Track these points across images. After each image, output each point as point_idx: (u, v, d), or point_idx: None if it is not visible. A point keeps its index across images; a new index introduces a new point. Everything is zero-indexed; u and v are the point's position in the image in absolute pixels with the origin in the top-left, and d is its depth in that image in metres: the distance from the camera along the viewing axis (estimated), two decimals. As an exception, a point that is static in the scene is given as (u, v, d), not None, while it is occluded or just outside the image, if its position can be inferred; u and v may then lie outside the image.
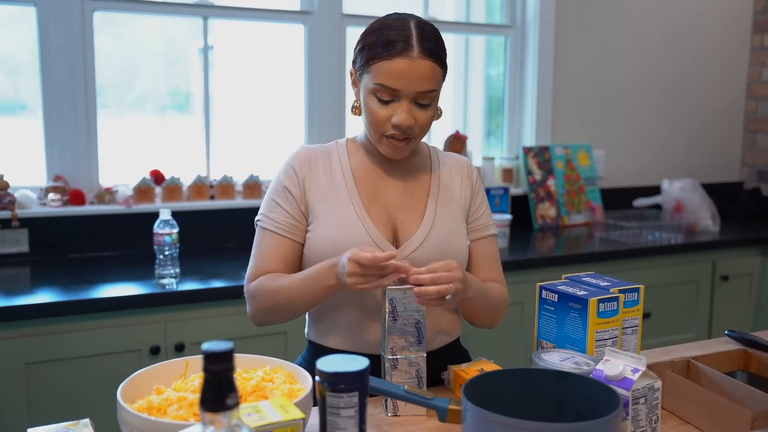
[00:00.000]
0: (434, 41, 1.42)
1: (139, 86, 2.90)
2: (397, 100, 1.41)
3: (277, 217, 1.49)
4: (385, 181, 1.53)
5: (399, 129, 1.41)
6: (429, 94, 1.41)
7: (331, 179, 1.51)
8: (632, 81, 3.72)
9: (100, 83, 2.76)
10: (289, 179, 1.51)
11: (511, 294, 2.68)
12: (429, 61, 1.39)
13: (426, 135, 1.52)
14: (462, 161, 1.63)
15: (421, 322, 1.25)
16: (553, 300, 1.36)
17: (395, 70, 1.38)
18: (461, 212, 1.55)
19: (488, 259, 1.59)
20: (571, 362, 1.23)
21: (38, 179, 2.67)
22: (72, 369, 2.09)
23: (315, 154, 1.54)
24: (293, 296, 1.41)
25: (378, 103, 1.42)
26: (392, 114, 1.41)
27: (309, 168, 1.51)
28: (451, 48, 3.52)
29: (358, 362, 1.00)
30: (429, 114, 1.44)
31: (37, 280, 2.36)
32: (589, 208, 3.54)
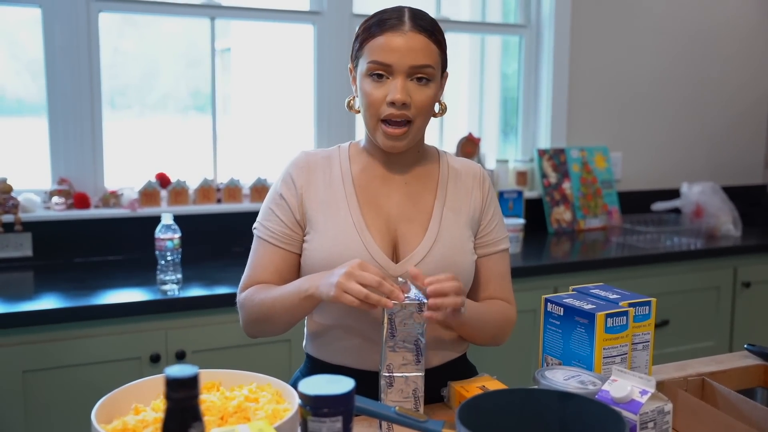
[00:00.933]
0: (428, 21, 1.38)
1: (160, 87, 2.87)
2: (391, 78, 1.35)
3: (273, 226, 1.44)
4: (388, 188, 1.45)
5: (394, 107, 1.34)
6: (424, 70, 1.35)
7: (330, 188, 1.44)
8: (651, 81, 3.62)
9: (122, 85, 2.74)
10: (286, 187, 1.45)
11: (523, 302, 2.63)
12: (422, 36, 1.35)
13: (424, 130, 1.44)
14: (475, 168, 1.54)
15: (420, 340, 1.19)
16: (558, 314, 1.29)
17: (387, 45, 1.34)
18: (469, 225, 1.47)
19: (498, 276, 1.51)
20: (577, 381, 1.16)
21: (43, 182, 2.64)
22: (70, 377, 2.05)
23: (314, 161, 1.48)
24: (275, 308, 1.36)
25: (372, 84, 1.36)
26: (387, 94, 1.34)
27: (307, 176, 1.45)
28: (466, 48, 3.48)
29: (343, 384, 0.93)
30: (427, 94, 1.36)
31: (39, 286, 2.33)
32: (606, 212, 3.45)
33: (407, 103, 1.34)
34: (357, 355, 1.40)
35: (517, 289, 2.61)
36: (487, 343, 1.49)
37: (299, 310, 1.35)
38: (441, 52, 1.39)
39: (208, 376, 1.17)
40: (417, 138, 1.42)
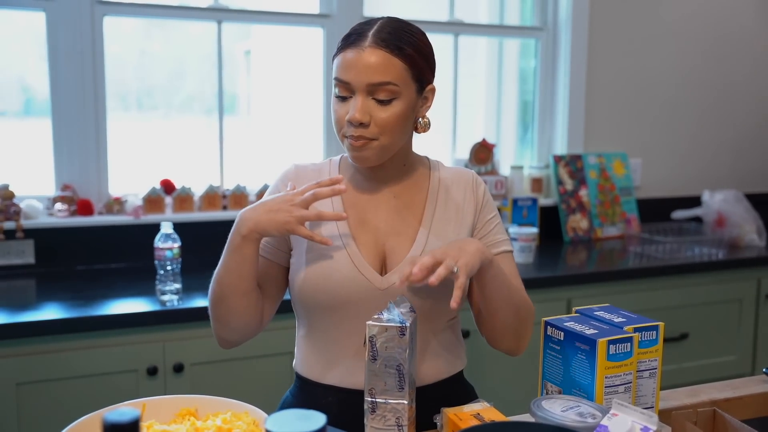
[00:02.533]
0: (395, 34, 1.30)
1: (186, 88, 2.86)
2: (353, 96, 1.30)
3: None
4: (376, 203, 1.41)
5: (352, 125, 1.29)
6: (384, 87, 1.28)
7: (319, 202, 1.39)
8: (671, 85, 3.51)
9: (148, 86, 2.71)
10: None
11: (536, 314, 2.56)
12: (382, 51, 1.28)
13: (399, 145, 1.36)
14: (467, 176, 1.48)
15: (402, 365, 1.11)
16: (558, 338, 1.21)
17: (345, 61, 1.29)
18: (460, 234, 1.41)
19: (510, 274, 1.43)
20: (575, 413, 1.08)
21: (47, 189, 2.61)
22: (65, 390, 2.01)
23: (304, 174, 1.45)
24: (220, 275, 1.33)
25: (337, 102, 1.33)
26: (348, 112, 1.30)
27: (297, 186, 1.40)
28: (483, 52, 3.40)
29: (314, 420, 0.86)
30: (391, 113, 1.30)
31: (40, 294, 2.29)
32: (624, 220, 3.35)
33: (365, 122, 1.29)
34: (348, 373, 1.35)
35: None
36: (508, 318, 1.39)
37: (243, 263, 1.31)
38: (411, 68, 1.31)
39: (183, 402, 1.11)
40: (388, 154, 1.36)
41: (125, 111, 2.65)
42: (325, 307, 1.35)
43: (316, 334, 1.38)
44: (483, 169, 3.17)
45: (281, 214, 1.27)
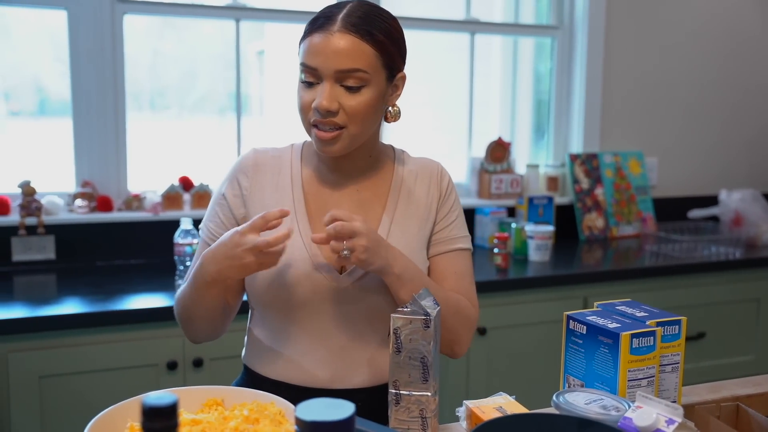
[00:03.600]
0: (366, 18, 1.25)
1: (199, 88, 2.89)
2: (320, 83, 1.25)
3: (213, 227, 1.37)
4: (338, 195, 1.37)
5: (319, 114, 1.25)
6: (353, 74, 1.23)
7: (277, 192, 1.35)
8: (688, 83, 3.50)
9: (162, 86, 2.74)
10: (230, 188, 1.38)
11: (551, 312, 2.57)
12: (351, 36, 1.23)
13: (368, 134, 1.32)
14: (432, 166, 1.43)
15: (427, 357, 1.12)
16: (581, 332, 1.21)
17: (312, 47, 1.24)
18: (423, 229, 1.38)
19: (455, 275, 1.38)
20: (598, 406, 1.08)
21: (67, 185, 2.64)
22: (87, 383, 2.03)
23: (264, 161, 1.39)
24: (188, 305, 1.31)
25: (303, 88, 1.28)
26: (315, 98, 1.26)
27: (254, 177, 1.37)
28: (498, 50, 3.40)
29: (343, 408, 0.87)
30: (359, 100, 1.25)
31: (60, 289, 2.31)
32: (640, 219, 3.34)
33: (333, 110, 1.24)
34: (300, 371, 1.33)
35: (545, 299, 2.57)
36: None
37: (210, 299, 1.29)
38: (381, 54, 1.26)
39: (210, 392, 1.13)
40: (354, 144, 1.31)
41: (139, 110, 2.68)
42: (281, 305, 1.32)
43: (271, 330, 1.36)
44: (499, 167, 3.17)
45: (237, 261, 1.21)
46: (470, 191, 3.21)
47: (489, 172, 3.16)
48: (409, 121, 3.13)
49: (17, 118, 2.71)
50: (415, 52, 3.30)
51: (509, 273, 2.61)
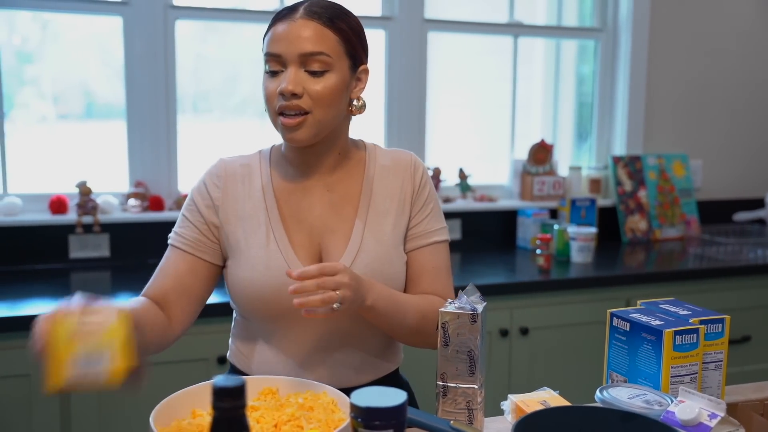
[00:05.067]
0: (327, 8, 1.30)
1: (240, 91, 2.96)
2: (284, 70, 1.28)
3: (184, 231, 1.36)
4: (310, 198, 1.37)
5: (284, 98, 1.26)
6: (317, 57, 1.26)
7: (250, 200, 1.36)
8: (733, 85, 3.48)
9: (204, 89, 2.82)
10: (200, 197, 1.37)
11: (593, 313, 2.58)
12: (314, 22, 1.27)
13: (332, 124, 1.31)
14: (405, 159, 1.42)
15: (473, 351, 1.16)
16: (624, 329, 1.24)
17: (276, 34, 1.28)
18: (397, 225, 1.38)
19: (432, 271, 1.39)
20: (641, 400, 1.11)
21: (121, 185, 2.73)
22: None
23: (232, 170, 1.39)
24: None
25: (267, 78, 1.30)
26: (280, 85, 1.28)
27: (225, 187, 1.37)
28: (540, 52, 3.42)
29: (395, 396, 0.92)
30: (324, 84, 1.27)
31: (115, 286, 2.40)
32: (684, 222, 3.33)
33: (297, 93, 1.26)
34: (287, 373, 1.33)
35: (587, 300, 2.58)
36: (408, 339, 1.36)
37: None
38: (343, 41, 1.29)
39: (265, 382, 1.18)
40: (321, 132, 1.31)
41: (182, 113, 2.78)
42: (262, 313, 1.33)
43: (253, 333, 1.38)
44: (541, 169, 3.19)
45: None
46: (512, 193, 3.24)
47: (531, 174, 3.17)
48: (447, 123, 3.18)
49: (65, 121, 2.82)
50: (454, 55, 3.33)
51: (551, 274, 2.63)
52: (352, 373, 1.37)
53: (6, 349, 1.99)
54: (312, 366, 1.34)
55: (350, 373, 1.36)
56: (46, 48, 2.74)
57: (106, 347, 0.96)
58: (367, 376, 1.38)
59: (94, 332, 0.97)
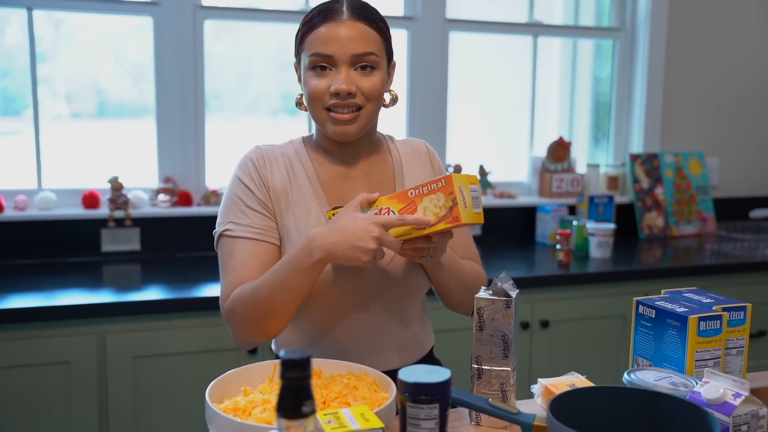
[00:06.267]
0: (368, 9, 1.37)
1: (252, 90, 3.02)
2: (334, 69, 1.33)
3: (248, 220, 1.36)
4: (350, 182, 1.44)
5: (339, 97, 1.32)
6: (367, 57, 1.33)
7: (297, 187, 1.40)
8: (750, 83, 3.52)
9: (216, 88, 2.88)
10: (252, 181, 1.38)
11: (612, 307, 2.64)
12: (362, 24, 1.33)
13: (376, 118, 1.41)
14: (420, 146, 1.54)
15: (507, 335, 1.23)
16: (650, 316, 1.30)
17: (326, 36, 1.32)
18: None
19: (463, 245, 1.51)
20: (668, 382, 1.17)
21: (150, 181, 2.81)
22: (174, 364, 2.18)
23: (272, 156, 1.41)
24: (275, 293, 1.26)
25: (315, 77, 1.34)
26: (330, 84, 1.33)
27: (270, 171, 1.39)
28: (557, 51, 3.48)
29: (441, 373, 0.99)
30: (374, 81, 1.34)
31: (146, 278, 2.47)
32: (700, 219, 3.37)
33: (353, 92, 1.32)
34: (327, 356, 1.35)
35: (606, 294, 2.64)
36: (460, 296, 1.46)
37: (305, 284, 1.25)
38: (384, 40, 1.37)
39: (309, 363, 1.24)
40: (368, 125, 1.39)
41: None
42: (317, 297, 1.35)
43: (305, 323, 1.40)
44: (560, 167, 3.24)
45: (357, 248, 1.20)
46: (531, 190, 3.29)
47: (550, 171, 3.23)
48: (467, 121, 3.24)
49: (78, 120, 2.88)
50: (474, 55, 3.37)
51: (571, 268, 2.68)
52: (394, 355, 1.43)
53: (43, 338, 2.07)
54: (356, 351, 1.40)
55: (392, 355, 1.43)
56: (59, 47, 2.80)
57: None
58: (407, 357, 1.45)
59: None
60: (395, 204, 1.26)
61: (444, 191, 1.22)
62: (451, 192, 1.21)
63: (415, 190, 1.25)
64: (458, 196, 1.21)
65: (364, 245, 1.20)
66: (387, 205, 1.26)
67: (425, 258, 1.29)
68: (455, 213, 1.20)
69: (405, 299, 1.44)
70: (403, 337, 1.45)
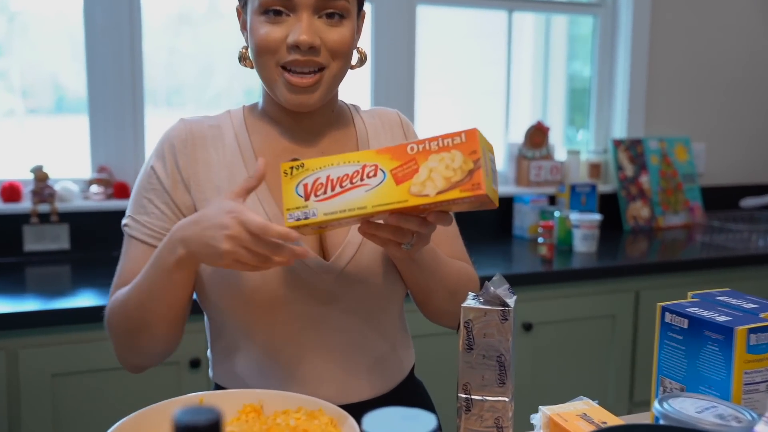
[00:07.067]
0: None
1: (215, 85, 2.77)
2: (292, 14, 1.03)
3: (147, 219, 1.10)
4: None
5: (299, 51, 1.03)
6: (336, 2, 1.04)
7: (227, 168, 1.10)
8: (739, 65, 3.30)
9: (178, 83, 2.66)
10: (164, 169, 1.10)
11: (600, 306, 2.38)
12: None
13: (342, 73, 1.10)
14: (391, 116, 1.23)
15: (504, 356, 0.95)
16: (681, 326, 1.03)
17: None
18: None
19: (447, 238, 1.22)
20: (713, 415, 0.90)
21: (82, 171, 2.48)
22: (102, 383, 1.87)
23: (199, 132, 1.12)
24: (142, 301, 1.01)
25: (267, 23, 1.03)
26: (287, 34, 1.03)
27: (192, 152, 1.10)
28: (530, 27, 3.21)
29: (421, 422, 0.70)
30: (343, 33, 1.05)
31: (76, 281, 2.16)
32: (688, 209, 3.14)
33: (315, 46, 1.03)
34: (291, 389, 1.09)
35: (593, 292, 2.37)
36: (442, 303, 1.17)
37: (174, 290, 1.01)
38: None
39: (245, 396, 0.95)
40: (332, 91, 1.10)
41: (155, 107, 2.60)
42: (255, 307, 1.07)
43: (234, 337, 1.11)
44: (538, 153, 2.98)
45: (210, 248, 0.93)
46: (508, 179, 3.03)
47: (528, 158, 2.97)
48: (436, 104, 2.97)
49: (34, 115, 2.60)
50: (443, 37, 3.10)
51: (554, 264, 2.42)
52: (363, 382, 1.14)
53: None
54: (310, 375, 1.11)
55: (360, 383, 1.13)
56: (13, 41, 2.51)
57: None
58: (380, 385, 1.16)
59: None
60: (386, 160, 0.93)
61: (463, 149, 0.90)
62: (474, 151, 0.90)
63: (419, 144, 0.92)
64: (482, 158, 0.90)
65: (215, 244, 0.92)
66: (374, 162, 0.93)
67: (403, 246, 0.98)
68: (476, 179, 0.88)
69: (376, 309, 1.14)
70: (374, 359, 1.15)
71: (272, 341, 1.10)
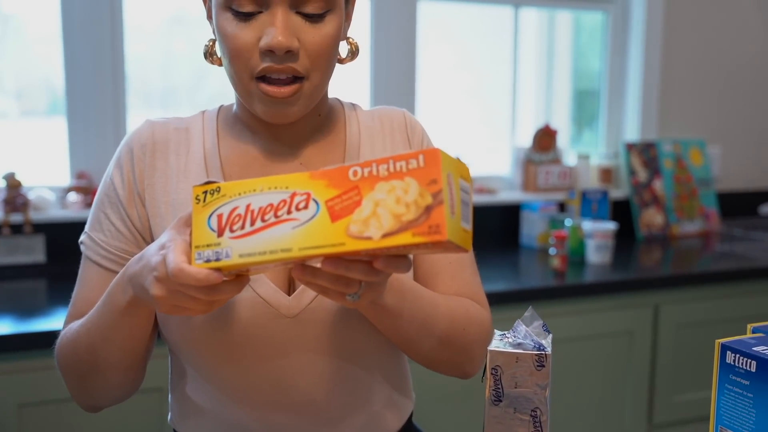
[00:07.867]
0: None
1: (209, 87, 2.74)
2: (265, 11, 0.86)
3: (103, 239, 0.98)
4: (275, 174, 0.96)
5: (273, 58, 0.86)
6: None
7: (187, 179, 0.95)
8: (757, 64, 3.14)
9: (173, 85, 2.57)
10: (120, 178, 0.97)
11: (620, 321, 2.21)
12: None
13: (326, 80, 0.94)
14: (396, 118, 1.04)
15: (539, 409, 0.78)
16: (747, 369, 0.86)
17: None
18: None
19: (448, 266, 1.00)
20: (798, 484, 0.73)
21: (60, 178, 2.31)
22: (74, 414, 1.69)
23: (163, 137, 0.98)
24: (93, 341, 0.89)
25: (236, 22, 0.87)
26: (260, 35, 0.87)
27: (152, 160, 0.96)
28: (533, 25, 3.06)
29: None
30: (325, 33, 0.88)
31: (52, 298, 2.00)
32: (703, 215, 2.98)
33: (293, 49, 0.86)
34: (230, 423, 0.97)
35: (609, 307, 2.20)
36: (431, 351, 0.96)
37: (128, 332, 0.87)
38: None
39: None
40: (316, 101, 0.94)
41: (149, 109, 2.54)
42: (211, 351, 0.93)
43: (202, 384, 0.98)
44: (545, 157, 2.82)
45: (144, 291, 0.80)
46: (514, 184, 2.86)
47: (535, 162, 2.80)
48: (438, 106, 2.81)
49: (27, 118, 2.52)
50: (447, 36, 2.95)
51: (567, 277, 2.26)
52: None
53: None
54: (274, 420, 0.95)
55: None
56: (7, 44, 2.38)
57: None
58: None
59: None
60: (321, 188, 0.72)
61: (420, 177, 0.69)
62: (434, 180, 0.68)
63: (365, 167, 0.71)
64: (445, 190, 0.68)
65: (148, 288, 0.78)
66: (306, 189, 0.72)
67: (348, 297, 0.78)
68: (435, 218, 0.67)
69: (366, 353, 0.96)
70: (357, 414, 0.97)
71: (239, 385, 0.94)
